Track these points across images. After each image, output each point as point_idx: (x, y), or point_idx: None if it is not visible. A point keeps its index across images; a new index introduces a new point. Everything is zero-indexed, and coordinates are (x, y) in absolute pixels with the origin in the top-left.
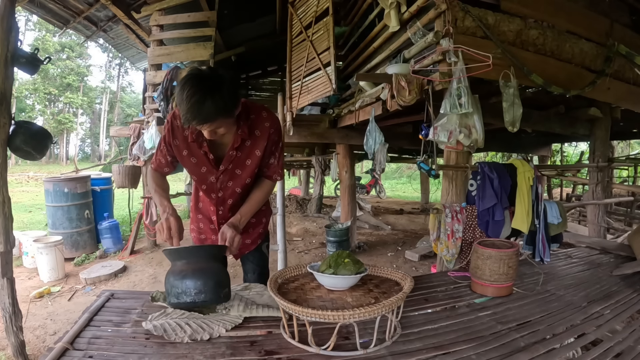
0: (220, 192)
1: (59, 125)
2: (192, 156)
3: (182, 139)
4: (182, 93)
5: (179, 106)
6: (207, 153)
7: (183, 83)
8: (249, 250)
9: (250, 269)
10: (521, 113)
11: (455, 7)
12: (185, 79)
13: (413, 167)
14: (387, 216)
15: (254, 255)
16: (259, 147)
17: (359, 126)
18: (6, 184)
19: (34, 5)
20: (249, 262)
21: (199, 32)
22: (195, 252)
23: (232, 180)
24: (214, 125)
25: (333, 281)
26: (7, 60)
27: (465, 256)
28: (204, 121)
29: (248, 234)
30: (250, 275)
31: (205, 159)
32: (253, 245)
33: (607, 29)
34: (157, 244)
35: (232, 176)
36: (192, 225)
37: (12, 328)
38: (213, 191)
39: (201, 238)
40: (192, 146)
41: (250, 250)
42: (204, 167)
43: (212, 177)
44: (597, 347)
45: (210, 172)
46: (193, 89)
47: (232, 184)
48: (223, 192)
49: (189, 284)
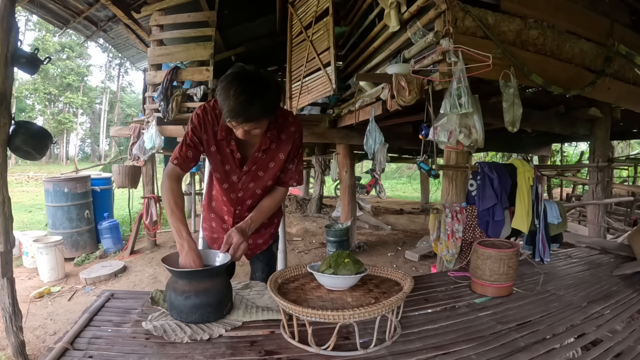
0: (240, 192)
1: (59, 125)
2: (219, 153)
3: (211, 134)
4: (230, 90)
5: (223, 102)
6: (234, 152)
7: (230, 80)
8: (261, 250)
9: (259, 267)
10: (521, 113)
11: (455, 7)
12: (232, 76)
13: (413, 167)
14: (387, 216)
15: (264, 255)
16: (283, 151)
17: (359, 126)
18: (6, 184)
19: (34, 5)
20: (259, 261)
21: (199, 32)
22: (198, 274)
23: (254, 181)
24: (254, 125)
25: (333, 281)
26: (7, 60)
27: (465, 256)
28: (249, 120)
29: (260, 234)
30: (258, 274)
31: (231, 157)
32: (265, 245)
33: (607, 29)
34: (157, 244)
35: (255, 177)
36: (205, 224)
37: (12, 328)
38: (234, 191)
39: (213, 237)
40: (220, 143)
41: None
42: (228, 165)
43: (235, 177)
44: (597, 347)
45: (233, 171)
46: (242, 88)
47: (254, 185)
48: (243, 192)
49: (192, 306)
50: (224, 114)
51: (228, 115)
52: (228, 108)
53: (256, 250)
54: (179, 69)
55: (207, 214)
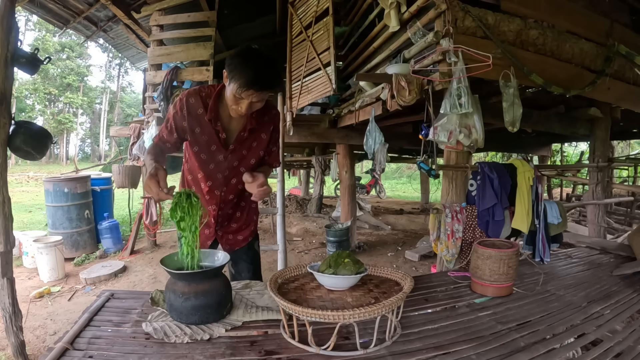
0: (226, 171)
1: (59, 125)
2: (203, 134)
3: (195, 116)
4: (249, 62)
5: (240, 73)
6: (219, 132)
7: (246, 53)
8: (240, 246)
9: (245, 267)
10: (521, 113)
11: (455, 7)
12: (246, 50)
13: (413, 167)
14: (387, 216)
15: (247, 254)
16: (265, 132)
17: (359, 126)
18: (6, 184)
19: (34, 5)
20: (243, 261)
21: (199, 32)
22: (197, 275)
23: (239, 160)
24: (264, 95)
25: (333, 281)
26: (7, 60)
27: (465, 256)
28: (266, 88)
29: (241, 231)
30: (245, 274)
31: (217, 137)
32: (244, 242)
33: (607, 29)
34: (157, 244)
35: (240, 156)
36: None
37: (12, 328)
38: (220, 170)
39: None
40: (205, 125)
41: (243, 248)
42: (214, 145)
43: (221, 156)
44: (597, 347)
45: (219, 150)
46: (260, 59)
47: (238, 164)
48: (229, 171)
49: (192, 307)
50: (240, 84)
51: (246, 85)
52: (247, 78)
53: (235, 246)
54: (179, 69)
55: None
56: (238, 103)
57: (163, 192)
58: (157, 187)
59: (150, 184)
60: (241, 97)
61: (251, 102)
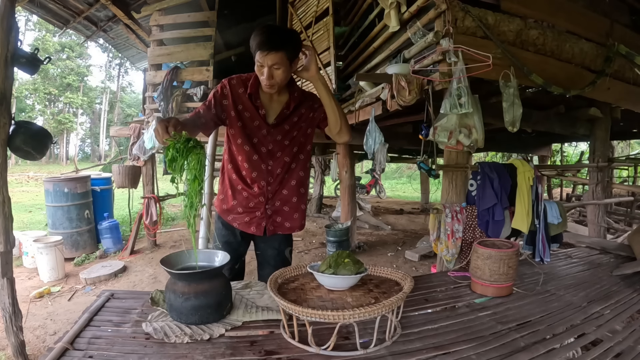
0: (270, 144)
1: (59, 125)
2: (245, 110)
3: (237, 95)
4: (258, 29)
5: (252, 40)
6: (259, 108)
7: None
8: (284, 232)
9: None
10: (521, 113)
11: (455, 7)
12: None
13: (413, 167)
14: (387, 216)
15: (276, 260)
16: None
17: (359, 126)
18: (6, 184)
19: (34, 5)
20: (270, 266)
21: (199, 32)
22: (197, 276)
23: (281, 134)
24: (277, 58)
25: (333, 281)
26: (7, 60)
27: (465, 256)
28: (275, 47)
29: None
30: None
31: (257, 113)
32: (290, 230)
33: (607, 29)
34: (157, 244)
35: (282, 131)
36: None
37: (12, 328)
38: (264, 144)
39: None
40: (246, 102)
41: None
42: (257, 120)
43: (264, 130)
44: (597, 347)
45: (262, 126)
46: (268, 26)
47: (281, 137)
48: (273, 145)
49: (192, 307)
50: (255, 48)
51: (258, 47)
52: (258, 40)
53: (279, 229)
54: (179, 69)
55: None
56: (261, 72)
57: (167, 134)
58: (164, 129)
59: (159, 126)
60: (260, 62)
61: (270, 68)
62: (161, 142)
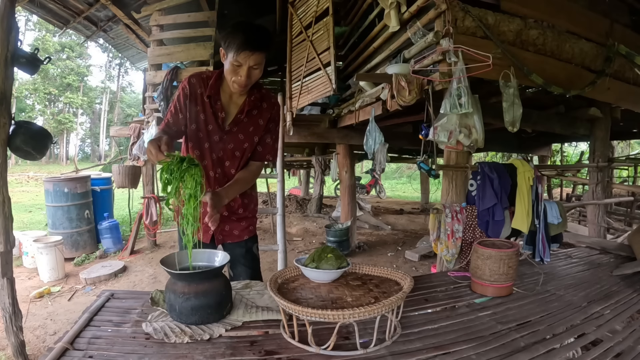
0: (220, 152)
1: (59, 125)
2: (202, 112)
3: (195, 95)
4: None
5: (233, 38)
6: (218, 111)
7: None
8: (233, 241)
9: (243, 271)
10: (521, 113)
11: (455, 7)
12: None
13: (413, 167)
14: (387, 216)
15: (246, 258)
16: (262, 118)
17: (359, 126)
18: (6, 184)
19: (34, 5)
20: (240, 265)
21: (199, 32)
22: (197, 276)
23: (234, 143)
24: (258, 58)
25: (315, 274)
26: (7, 60)
27: (465, 256)
28: (258, 47)
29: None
30: (243, 277)
31: (214, 117)
32: (238, 238)
33: (607, 29)
34: (157, 244)
35: (235, 139)
36: None
37: (12, 328)
38: (214, 151)
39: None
40: (204, 103)
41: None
42: (211, 125)
43: (217, 137)
44: (597, 347)
45: (215, 131)
46: (248, 25)
47: (233, 146)
48: (223, 152)
49: (192, 307)
50: (235, 48)
51: (240, 47)
52: (240, 40)
53: (228, 238)
54: (179, 69)
55: None
56: (237, 72)
57: (162, 154)
58: (157, 149)
59: (150, 146)
60: (238, 62)
61: (249, 67)
62: (154, 163)
